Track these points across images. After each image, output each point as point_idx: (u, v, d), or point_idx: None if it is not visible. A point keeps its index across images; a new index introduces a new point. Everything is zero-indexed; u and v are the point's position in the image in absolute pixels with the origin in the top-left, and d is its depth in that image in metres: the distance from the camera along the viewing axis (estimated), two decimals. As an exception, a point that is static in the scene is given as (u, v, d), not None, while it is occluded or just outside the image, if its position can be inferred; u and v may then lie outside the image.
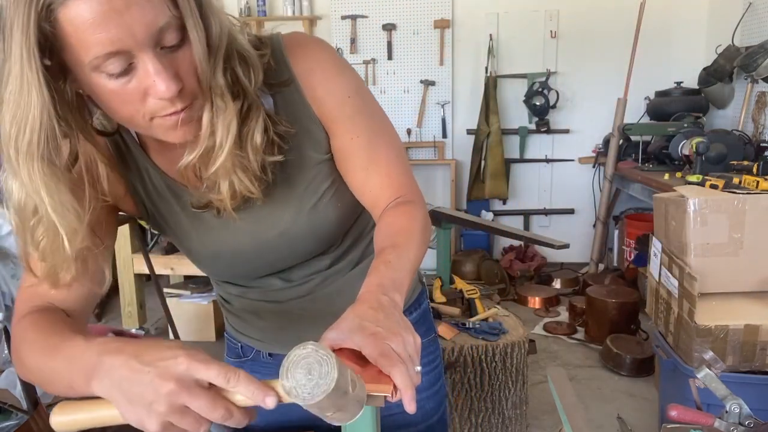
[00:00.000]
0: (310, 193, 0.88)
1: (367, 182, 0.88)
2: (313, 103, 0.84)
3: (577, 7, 4.49)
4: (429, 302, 1.18)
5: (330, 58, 0.86)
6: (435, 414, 1.10)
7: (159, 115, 0.70)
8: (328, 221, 0.91)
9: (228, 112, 0.73)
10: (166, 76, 0.66)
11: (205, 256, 0.94)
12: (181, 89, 0.68)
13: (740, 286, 2.12)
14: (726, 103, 4.07)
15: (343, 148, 0.87)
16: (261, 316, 1.04)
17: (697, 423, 1.19)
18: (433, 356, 1.12)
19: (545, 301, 4.02)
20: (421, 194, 0.91)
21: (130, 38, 0.63)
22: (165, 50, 0.67)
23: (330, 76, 0.85)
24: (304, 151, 0.86)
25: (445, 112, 4.69)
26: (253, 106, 0.77)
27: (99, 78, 0.66)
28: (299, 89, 0.84)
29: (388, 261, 0.75)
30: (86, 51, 0.63)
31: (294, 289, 0.99)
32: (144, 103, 0.69)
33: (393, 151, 0.89)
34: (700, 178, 2.61)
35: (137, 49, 0.64)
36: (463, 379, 2.29)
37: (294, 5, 4.58)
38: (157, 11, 0.64)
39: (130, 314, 3.62)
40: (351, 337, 0.62)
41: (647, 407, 2.75)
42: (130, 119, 0.72)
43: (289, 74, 0.83)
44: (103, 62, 0.64)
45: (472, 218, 3.16)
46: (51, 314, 0.78)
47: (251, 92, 0.76)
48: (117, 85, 0.66)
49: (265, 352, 1.08)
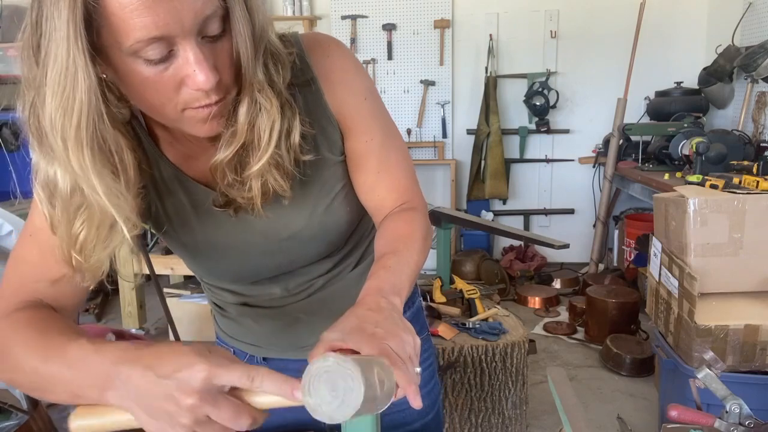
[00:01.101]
0: (324, 194, 0.87)
1: (376, 186, 0.87)
2: (333, 104, 0.83)
3: (577, 7, 4.49)
4: (422, 301, 1.18)
5: (349, 58, 0.86)
6: (430, 412, 1.10)
7: (192, 107, 0.68)
8: (338, 223, 0.91)
9: (272, 110, 0.71)
10: (206, 67, 0.64)
11: (210, 256, 0.91)
12: (218, 81, 0.66)
13: (740, 286, 2.12)
14: (726, 103, 4.07)
15: (358, 150, 0.86)
16: (257, 320, 1.02)
17: (697, 423, 1.19)
18: (427, 354, 1.12)
19: (545, 301, 4.02)
20: (424, 201, 0.91)
21: (177, 24, 0.61)
22: (206, 40, 0.65)
23: (349, 76, 0.84)
24: (321, 151, 0.85)
25: (445, 112, 4.69)
26: (286, 104, 0.75)
27: (135, 63, 0.63)
28: (319, 89, 0.83)
29: (388, 266, 0.75)
30: (129, 33, 0.60)
31: (292, 293, 0.98)
32: (178, 93, 0.66)
33: (402, 154, 0.90)
34: (700, 178, 2.61)
35: (181, 37, 0.62)
36: (463, 379, 2.29)
37: (294, 5, 4.58)
38: (204, 0, 0.62)
39: (130, 314, 3.62)
40: (350, 338, 0.62)
41: (647, 407, 2.75)
42: (160, 108, 0.68)
43: (311, 74, 0.82)
44: (144, 47, 0.61)
45: (472, 218, 3.16)
46: (44, 311, 0.74)
47: (283, 90, 0.75)
48: (153, 71, 0.64)
49: (259, 356, 1.07)
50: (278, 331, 1.02)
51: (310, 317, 1.00)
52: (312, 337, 0.81)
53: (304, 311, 0.99)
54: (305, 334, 1.01)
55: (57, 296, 0.77)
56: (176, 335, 1.20)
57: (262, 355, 1.06)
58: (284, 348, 1.04)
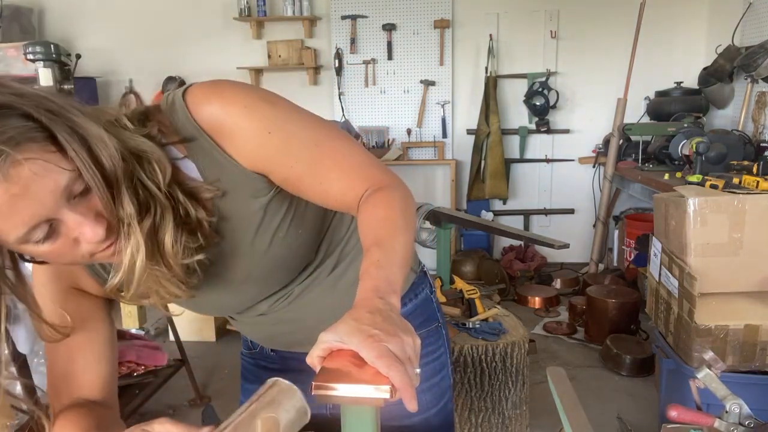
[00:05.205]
0: (260, 237, 0.85)
1: (328, 194, 0.83)
2: (237, 156, 0.79)
3: (577, 7, 4.49)
4: (434, 290, 1.15)
5: (233, 103, 0.79)
6: (433, 407, 1.09)
7: (97, 252, 0.72)
8: (289, 252, 0.90)
9: (132, 239, 0.71)
10: (88, 223, 0.68)
11: (191, 310, 0.98)
12: (108, 225, 0.70)
13: (740, 286, 2.12)
14: (726, 103, 4.07)
15: (287, 178, 0.82)
16: (254, 328, 1.09)
17: (697, 423, 1.19)
18: (434, 347, 1.10)
19: (545, 301, 4.02)
20: (392, 175, 0.86)
21: (42, 209, 0.65)
22: (78, 198, 0.68)
23: (240, 124, 0.78)
24: (243, 203, 0.83)
25: (445, 112, 4.69)
26: (164, 209, 0.74)
27: (30, 248, 0.68)
28: (217, 147, 0.79)
29: (377, 260, 0.73)
30: (8, 235, 0.65)
31: (278, 304, 1.00)
32: (79, 248, 0.71)
33: (340, 152, 0.84)
34: (700, 178, 2.61)
35: (53, 213, 0.66)
36: (463, 379, 2.29)
37: (294, 5, 4.58)
38: (54, 176, 0.65)
39: (130, 314, 3.60)
40: (348, 340, 0.62)
41: (647, 407, 2.75)
42: (71, 262, 0.77)
43: (202, 136, 0.79)
44: (26, 238, 0.66)
45: (472, 218, 3.15)
46: (85, 412, 0.84)
47: (160, 195, 0.74)
48: (47, 247, 0.69)
49: (267, 348, 1.15)
50: (274, 334, 1.07)
51: (298, 320, 1.01)
52: (303, 336, 0.83)
53: (289, 317, 1.01)
54: (297, 334, 1.04)
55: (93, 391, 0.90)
56: (176, 335, 1.23)
57: (270, 347, 1.14)
58: (286, 345, 1.10)
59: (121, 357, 2.55)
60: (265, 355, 1.15)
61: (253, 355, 1.17)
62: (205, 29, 4.81)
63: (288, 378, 0.69)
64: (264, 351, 1.15)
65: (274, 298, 0.98)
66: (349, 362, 0.63)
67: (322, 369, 0.63)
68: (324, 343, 0.64)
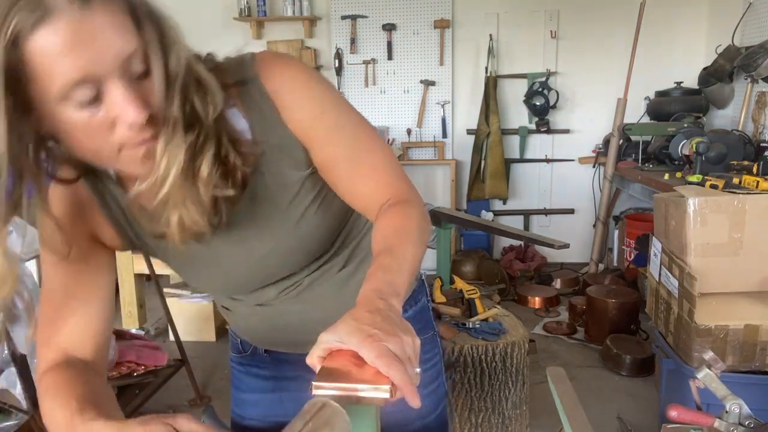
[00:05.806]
0: (293, 208, 0.88)
1: (356, 189, 0.87)
2: (289, 122, 0.83)
3: (577, 7, 4.49)
4: (429, 300, 1.17)
5: (300, 75, 0.84)
6: (432, 413, 1.10)
7: (127, 146, 0.70)
8: (315, 233, 0.91)
9: (175, 144, 0.70)
10: (134, 103, 0.66)
11: (197, 276, 0.97)
12: (150, 117, 0.68)
13: (740, 286, 2.12)
14: (726, 103, 4.07)
15: (325, 161, 0.86)
16: (253, 320, 1.06)
17: (697, 423, 1.19)
18: (431, 354, 1.12)
19: (545, 301, 4.02)
20: (416, 192, 0.89)
21: (100, 64, 0.64)
22: (132, 78, 0.67)
23: (300, 94, 0.83)
24: (283, 169, 0.85)
25: (445, 112, 4.69)
26: (208, 138, 0.75)
27: (66, 109, 0.66)
28: (273, 109, 0.82)
29: (385, 265, 0.74)
30: (55, 79, 0.63)
31: (285, 294, 0.99)
32: (112, 133, 0.68)
33: (377, 154, 0.88)
34: (700, 178, 2.61)
35: (106, 77, 0.65)
36: (463, 379, 2.29)
37: (294, 5, 4.58)
38: (124, 40, 0.65)
39: (130, 314, 3.62)
40: (348, 339, 0.63)
41: (647, 407, 2.75)
42: (97, 152, 0.71)
43: (261, 94, 0.82)
44: (72, 90, 0.64)
45: (472, 218, 3.16)
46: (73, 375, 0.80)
47: (207, 122, 0.74)
48: (85, 115, 0.66)
49: (261, 349, 1.12)
50: (273, 329, 1.05)
51: (301, 315, 1.01)
52: (304, 335, 0.83)
53: (294, 309, 1.01)
54: (298, 332, 1.02)
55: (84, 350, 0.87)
56: (176, 335, 1.22)
57: (263, 348, 1.12)
58: (280, 344, 1.09)
59: (121, 357, 2.55)
60: (258, 358, 1.13)
61: (244, 359, 1.15)
62: (205, 29, 4.78)
63: (280, 387, 0.69)
64: (257, 353, 1.13)
65: (284, 284, 0.98)
66: (349, 362, 0.63)
67: (322, 369, 0.63)
68: (324, 343, 0.64)
